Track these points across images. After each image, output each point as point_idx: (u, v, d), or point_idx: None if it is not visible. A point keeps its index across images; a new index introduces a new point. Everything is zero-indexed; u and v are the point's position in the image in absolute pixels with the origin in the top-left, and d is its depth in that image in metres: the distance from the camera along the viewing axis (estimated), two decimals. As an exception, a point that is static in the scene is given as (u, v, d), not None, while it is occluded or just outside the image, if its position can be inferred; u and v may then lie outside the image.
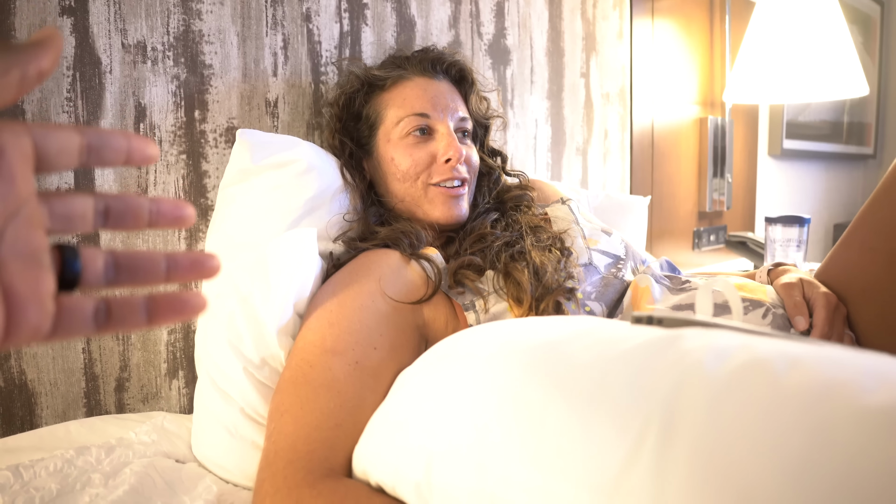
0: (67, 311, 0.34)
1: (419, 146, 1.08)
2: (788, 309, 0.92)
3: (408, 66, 1.13)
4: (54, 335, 0.34)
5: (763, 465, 0.42)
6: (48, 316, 0.33)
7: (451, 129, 1.08)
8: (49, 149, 0.34)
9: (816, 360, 0.49)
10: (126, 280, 0.37)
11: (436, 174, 1.07)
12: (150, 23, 1.04)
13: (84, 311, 0.35)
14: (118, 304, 0.36)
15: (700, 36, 2.37)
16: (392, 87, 1.11)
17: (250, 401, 0.89)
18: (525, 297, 0.90)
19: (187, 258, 0.38)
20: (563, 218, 1.13)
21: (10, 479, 0.77)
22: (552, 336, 0.64)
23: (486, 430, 0.57)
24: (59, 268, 0.34)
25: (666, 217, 2.25)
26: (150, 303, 0.36)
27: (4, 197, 0.32)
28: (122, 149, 0.36)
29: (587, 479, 0.48)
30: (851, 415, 0.43)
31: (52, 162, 0.34)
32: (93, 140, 0.35)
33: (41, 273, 0.33)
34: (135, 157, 0.37)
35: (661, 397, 0.49)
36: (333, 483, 0.69)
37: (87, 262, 0.35)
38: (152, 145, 0.37)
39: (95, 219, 0.36)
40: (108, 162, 0.36)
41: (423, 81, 1.11)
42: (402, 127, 1.08)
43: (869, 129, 3.68)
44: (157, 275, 0.37)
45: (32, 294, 0.33)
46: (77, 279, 0.35)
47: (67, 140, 0.34)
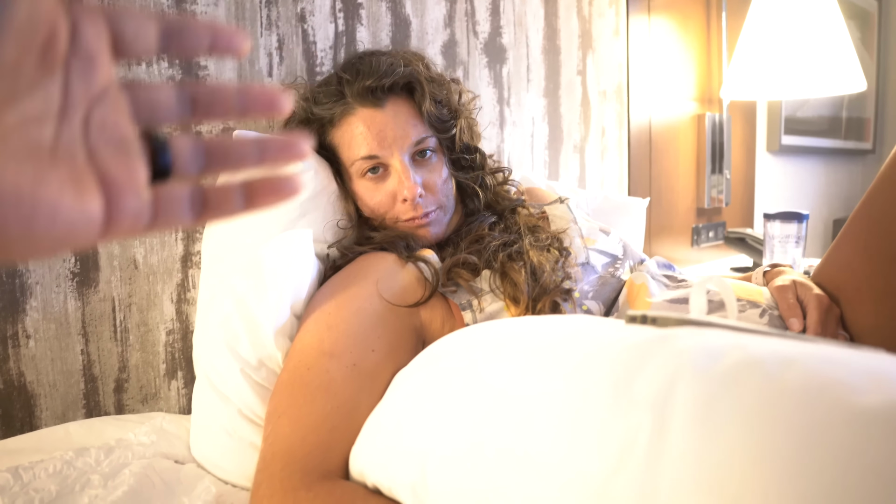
0: (164, 201, 0.33)
1: (378, 186, 1.04)
2: (782, 311, 0.92)
3: (348, 93, 1.02)
4: (153, 225, 0.33)
5: (755, 466, 0.42)
6: (146, 204, 0.33)
7: (404, 163, 1.02)
8: (125, 32, 0.32)
9: (810, 360, 0.49)
10: (217, 166, 0.36)
11: (400, 214, 1.04)
12: (146, 25, 1.04)
13: (180, 199, 0.34)
14: (214, 191, 0.35)
15: (697, 32, 2.37)
16: (339, 123, 1.04)
17: (248, 402, 0.89)
18: (522, 297, 0.90)
19: (277, 143, 0.36)
20: (561, 217, 1.13)
21: (9, 481, 0.78)
22: (545, 337, 0.64)
23: (479, 432, 0.57)
24: (149, 157, 0.33)
25: (664, 214, 2.25)
26: (247, 188, 0.35)
27: (87, 78, 0.31)
28: (204, 36, 0.34)
29: (579, 480, 0.48)
30: (844, 415, 0.43)
31: (130, 46, 0.32)
32: (172, 26, 0.33)
33: (134, 161, 0.32)
34: (220, 45, 0.35)
35: (653, 398, 0.50)
36: (330, 485, 0.69)
37: (176, 150, 0.34)
38: (241, 36, 0.35)
39: (181, 108, 0.35)
40: (189, 50, 0.34)
41: (366, 114, 1.01)
42: (355, 170, 1.04)
43: (867, 124, 3.68)
44: (249, 159, 0.36)
45: (129, 181, 0.32)
46: (168, 169, 0.34)
47: (144, 24, 0.32)
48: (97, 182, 0.31)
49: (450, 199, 1.09)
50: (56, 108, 0.30)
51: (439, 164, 1.07)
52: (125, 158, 0.32)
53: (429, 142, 1.05)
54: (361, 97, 1.01)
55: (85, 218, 0.30)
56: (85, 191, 0.30)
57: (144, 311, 1.07)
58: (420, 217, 1.03)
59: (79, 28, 0.30)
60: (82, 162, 0.31)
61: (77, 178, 0.30)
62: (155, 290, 1.08)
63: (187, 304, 1.12)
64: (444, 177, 1.08)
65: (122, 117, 0.32)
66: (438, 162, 1.07)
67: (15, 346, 0.95)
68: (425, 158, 1.05)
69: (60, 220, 0.30)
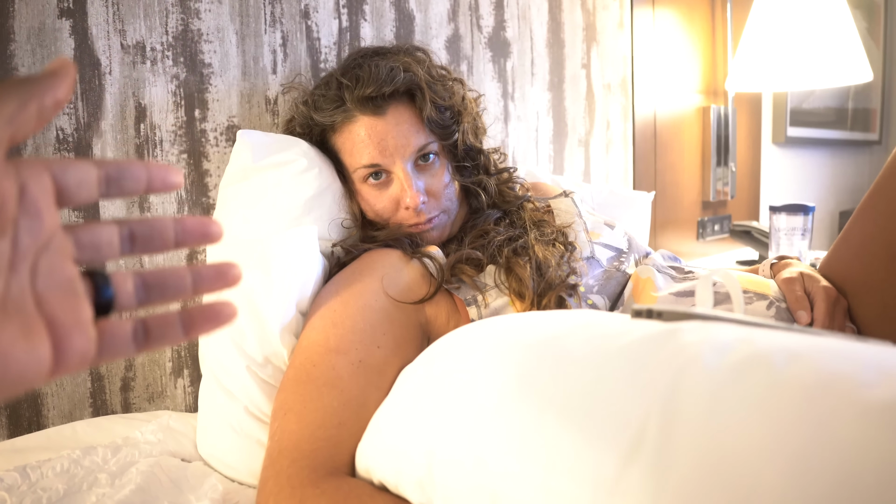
0: (108, 335, 0.35)
1: (381, 192, 1.05)
2: (790, 304, 0.92)
3: (348, 100, 1.01)
4: (99, 359, 0.35)
5: (763, 460, 0.42)
6: (92, 341, 0.34)
7: (406, 171, 1.02)
8: (68, 183, 0.34)
9: (817, 354, 0.49)
10: (156, 299, 0.38)
11: (403, 220, 1.05)
12: (149, 23, 1.04)
13: (123, 333, 0.36)
14: (155, 323, 0.37)
15: (702, 24, 2.36)
16: (340, 129, 1.04)
17: (254, 399, 0.89)
18: (527, 293, 0.90)
19: (211, 271, 0.39)
20: (566, 211, 1.12)
21: (17, 480, 0.78)
22: (551, 331, 0.64)
23: (486, 427, 0.57)
24: (93, 295, 0.35)
25: (670, 207, 2.25)
26: (185, 316, 0.38)
27: (33, 232, 0.33)
28: (141, 178, 0.37)
29: (587, 475, 0.48)
30: (852, 409, 0.43)
31: (73, 195, 0.34)
32: (111, 171, 0.36)
33: (79, 301, 0.34)
34: (155, 185, 0.37)
35: (660, 392, 0.49)
36: (337, 482, 0.69)
37: (117, 286, 0.37)
38: (174, 172, 0.38)
39: (122, 245, 0.37)
40: (128, 192, 0.36)
41: (367, 122, 1.01)
42: (358, 176, 1.05)
43: (874, 115, 3.66)
44: (185, 290, 0.38)
45: (75, 322, 0.34)
46: (111, 304, 0.36)
47: (85, 173, 0.35)
48: (45, 326, 0.33)
49: (453, 202, 1.09)
50: (6, 263, 0.32)
51: (442, 168, 1.07)
52: (71, 300, 0.34)
53: (431, 147, 1.05)
54: (362, 105, 1.00)
55: (35, 362, 0.32)
56: (34, 337, 0.32)
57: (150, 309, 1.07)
58: (423, 223, 1.04)
59: (26, 187, 0.32)
60: (31, 309, 0.33)
61: (27, 326, 0.32)
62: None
63: (193, 301, 1.12)
64: (448, 180, 1.07)
65: (66, 261, 0.34)
66: (441, 166, 1.07)
67: (22, 345, 0.95)
68: (428, 163, 1.05)
69: (12, 367, 0.31)
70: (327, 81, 1.07)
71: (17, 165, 0.32)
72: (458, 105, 1.08)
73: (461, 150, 1.10)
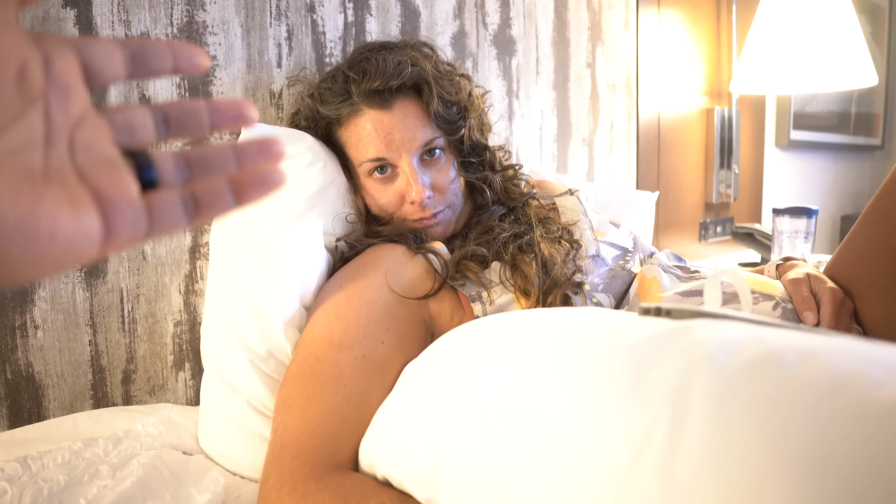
0: (158, 207, 0.34)
1: (386, 186, 1.04)
2: (797, 304, 0.91)
3: (355, 93, 1.00)
4: (151, 233, 0.34)
5: (773, 459, 0.42)
6: (142, 213, 0.34)
7: (412, 166, 1.01)
8: (94, 60, 0.33)
9: (828, 353, 0.48)
10: (200, 175, 0.37)
11: (408, 215, 1.04)
12: (154, 14, 1.04)
13: (173, 204, 0.35)
14: (204, 191, 0.36)
15: (707, 25, 2.36)
16: (346, 122, 1.04)
17: (257, 393, 0.89)
18: (532, 290, 0.90)
19: (253, 146, 0.38)
20: (571, 209, 1.12)
21: (18, 471, 0.78)
22: (558, 328, 0.64)
23: (492, 424, 0.57)
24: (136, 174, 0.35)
25: (672, 208, 2.24)
26: (234, 184, 0.37)
27: (65, 106, 0.32)
28: (167, 57, 0.36)
29: (596, 472, 0.48)
30: (864, 408, 0.42)
31: (99, 74, 0.34)
32: (135, 50, 0.35)
33: (123, 175, 0.34)
34: (182, 64, 0.37)
35: (670, 390, 0.49)
36: (340, 476, 0.69)
37: (160, 165, 0.36)
38: (200, 53, 0.37)
39: (156, 128, 0.37)
40: (155, 71, 0.36)
41: (374, 116, 1.00)
42: (363, 170, 1.05)
43: (877, 119, 3.66)
44: (228, 166, 0.38)
45: (121, 194, 0.33)
46: (155, 183, 0.35)
47: (111, 50, 0.34)
48: (91, 198, 0.32)
49: (458, 197, 1.08)
50: (41, 135, 0.32)
51: (448, 164, 1.07)
52: (114, 174, 0.33)
53: (437, 142, 1.04)
54: (369, 98, 1.00)
55: (84, 234, 0.32)
56: (81, 208, 0.32)
57: (152, 302, 1.07)
58: (428, 218, 1.03)
59: (51, 61, 0.32)
60: (74, 182, 0.32)
61: (72, 197, 0.31)
62: (163, 281, 1.08)
63: (195, 296, 1.12)
64: (453, 176, 1.07)
65: (104, 139, 0.34)
66: (447, 161, 1.07)
67: (23, 336, 0.95)
68: (434, 158, 1.05)
69: (60, 238, 0.31)
70: (333, 75, 1.06)
71: (40, 38, 0.32)
72: (465, 101, 1.08)
73: (467, 146, 1.09)
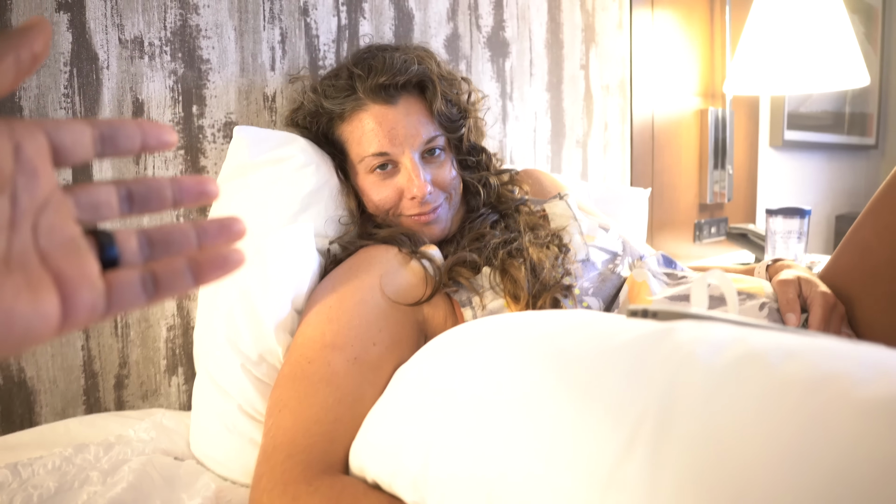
0: (117, 287, 0.35)
1: (385, 182, 1.04)
2: (781, 306, 0.92)
3: (360, 89, 1.01)
4: (110, 311, 0.35)
5: (758, 457, 0.42)
6: (100, 293, 0.34)
7: (414, 162, 1.02)
8: (63, 142, 0.34)
9: (812, 352, 0.49)
10: (161, 254, 0.38)
11: (405, 210, 1.05)
12: (147, 18, 1.04)
13: (132, 283, 0.36)
14: (163, 271, 0.37)
15: (700, 26, 2.36)
16: (349, 118, 1.04)
17: (248, 397, 0.89)
18: (522, 294, 0.90)
19: (214, 225, 0.39)
20: (560, 214, 1.12)
21: (8, 478, 0.77)
22: (547, 330, 0.64)
23: (483, 423, 0.57)
24: (97, 253, 0.36)
25: (667, 209, 2.25)
26: (193, 264, 0.37)
27: (31, 190, 0.33)
28: (135, 136, 0.37)
29: (583, 470, 0.48)
30: (847, 406, 0.42)
31: (68, 155, 0.35)
32: (105, 130, 0.36)
33: (84, 256, 0.34)
34: (150, 143, 0.37)
35: (655, 389, 0.49)
36: (330, 479, 0.69)
37: (121, 243, 0.37)
38: (168, 131, 0.38)
39: (120, 205, 0.37)
40: (123, 151, 0.37)
41: (378, 111, 1.01)
42: (364, 166, 1.05)
43: (871, 119, 3.67)
44: (189, 245, 0.38)
45: (81, 275, 0.34)
46: (116, 261, 0.36)
47: (80, 132, 0.35)
48: (52, 282, 0.33)
49: (457, 194, 1.10)
50: (6, 220, 0.32)
51: (447, 162, 1.08)
52: (76, 256, 0.34)
53: (438, 140, 1.06)
54: (374, 93, 1.01)
55: (42, 317, 0.32)
56: (40, 292, 0.32)
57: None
58: (427, 213, 1.04)
59: (21, 146, 0.33)
60: (35, 266, 0.33)
61: (31, 283, 0.32)
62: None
63: (188, 300, 1.11)
64: (453, 174, 1.08)
65: (67, 219, 0.35)
66: (447, 160, 1.08)
67: (15, 340, 0.94)
68: (434, 156, 1.06)
69: (17, 324, 0.31)
70: (337, 72, 1.07)
71: (10, 124, 0.33)
72: (465, 103, 1.11)
73: (466, 147, 1.12)
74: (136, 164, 1.04)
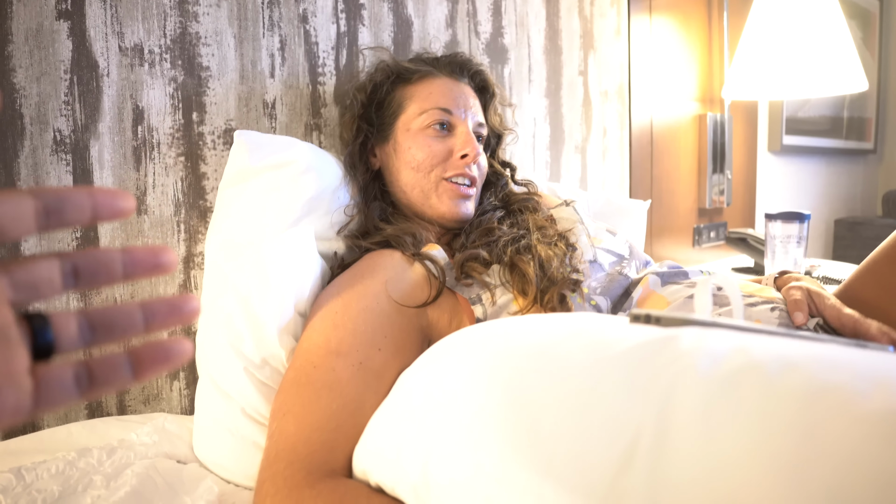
0: (46, 383, 0.32)
1: (438, 140, 1.10)
2: (788, 305, 0.92)
3: (436, 65, 1.17)
4: (37, 410, 0.32)
5: (756, 470, 0.42)
6: (26, 393, 0.31)
7: (469, 129, 1.12)
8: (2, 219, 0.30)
9: (812, 363, 0.49)
10: (103, 339, 0.35)
11: (450, 168, 1.10)
12: (147, 25, 1.04)
13: (64, 379, 0.33)
14: (99, 366, 0.34)
15: (698, 32, 2.37)
16: (419, 81, 1.14)
17: (251, 401, 0.89)
18: (530, 289, 0.91)
19: (165, 305, 0.35)
20: (567, 218, 1.14)
21: (12, 482, 0.78)
22: (547, 337, 0.64)
23: (481, 432, 0.57)
24: (31, 339, 0.32)
25: (666, 214, 2.25)
26: (133, 357, 0.34)
27: None
28: (85, 206, 0.33)
29: (581, 482, 0.48)
30: (845, 419, 0.43)
31: (6, 231, 0.31)
32: (51, 201, 0.32)
33: (11, 349, 0.31)
34: (103, 213, 0.34)
35: (654, 401, 0.49)
36: (333, 483, 0.69)
37: (58, 328, 0.33)
38: (123, 197, 0.34)
39: (64, 281, 0.34)
40: (70, 223, 0.33)
41: (449, 81, 1.15)
42: (424, 119, 1.10)
43: (869, 124, 3.68)
44: (135, 328, 0.35)
45: (6, 374, 0.31)
46: (51, 348, 0.33)
47: (20, 206, 0.31)
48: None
49: (482, 184, 1.18)
50: None
51: (484, 154, 1.20)
52: (3, 349, 0.31)
53: (483, 130, 1.18)
54: (450, 68, 1.18)
55: None
56: None
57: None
58: (466, 182, 1.11)
59: None
60: None
61: None
62: (157, 291, 1.08)
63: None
64: (486, 165, 1.19)
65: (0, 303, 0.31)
66: (482, 154, 1.16)
67: (17, 346, 0.95)
68: (478, 142, 1.16)
69: None
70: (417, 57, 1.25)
71: None
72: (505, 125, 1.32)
73: (499, 159, 1.29)
74: (137, 171, 1.05)
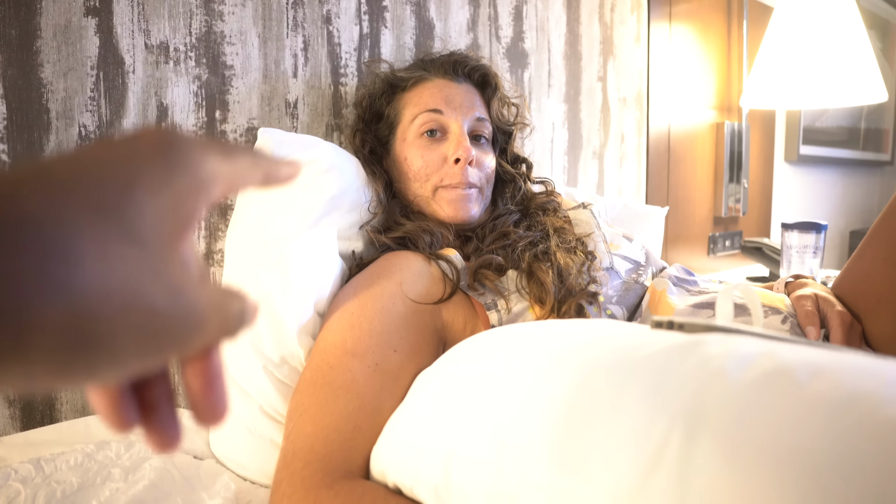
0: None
1: (431, 147, 1.08)
2: (800, 318, 0.92)
3: (430, 67, 1.14)
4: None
5: (785, 472, 0.42)
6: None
7: (463, 130, 1.08)
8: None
9: (839, 370, 0.49)
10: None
11: (446, 177, 1.07)
12: (173, 24, 1.05)
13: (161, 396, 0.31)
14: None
15: (717, 40, 2.36)
16: (412, 88, 1.13)
17: (269, 399, 0.90)
18: (548, 299, 0.90)
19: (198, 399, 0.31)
20: (585, 222, 1.13)
21: (31, 472, 0.78)
22: (573, 340, 0.64)
23: (507, 433, 0.57)
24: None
25: (681, 222, 2.25)
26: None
27: None
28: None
29: (610, 483, 0.48)
30: (874, 426, 0.42)
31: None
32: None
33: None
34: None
35: (683, 403, 0.49)
36: (351, 484, 0.69)
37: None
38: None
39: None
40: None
41: (441, 82, 1.12)
42: (417, 125, 1.09)
43: (886, 135, 3.66)
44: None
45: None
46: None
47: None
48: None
49: (490, 185, 1.14)
50: None
51: (489, 153, 1.14)
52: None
53: (486, 126, 1.14)
54: (442, 69, 1.14)
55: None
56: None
57: None
58: (464, 187, 1.07)
59: None
60: None
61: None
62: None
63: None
64: (492, 165, 1.15)
65: None
66: (489, 150, 1.14)
67: (38, 339, 0.95)
68: (479, 143, 1.13)
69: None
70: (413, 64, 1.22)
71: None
72: (516, 116, 1.24)
73: (510, 155, 1.22)
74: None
